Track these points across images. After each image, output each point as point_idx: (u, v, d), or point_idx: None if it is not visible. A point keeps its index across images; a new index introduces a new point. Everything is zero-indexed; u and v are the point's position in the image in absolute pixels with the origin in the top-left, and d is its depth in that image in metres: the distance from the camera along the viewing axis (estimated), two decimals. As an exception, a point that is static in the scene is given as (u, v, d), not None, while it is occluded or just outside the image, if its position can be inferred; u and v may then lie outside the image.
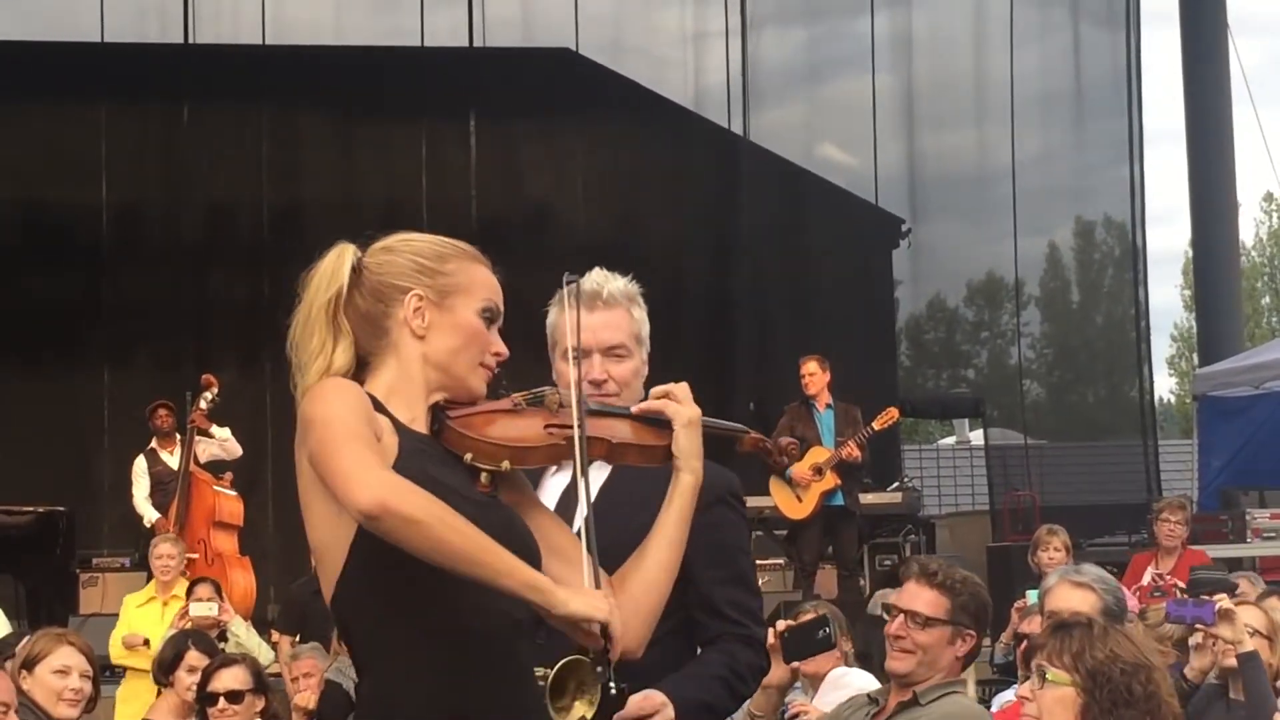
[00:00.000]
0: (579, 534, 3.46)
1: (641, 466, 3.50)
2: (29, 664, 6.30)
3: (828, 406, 13.30)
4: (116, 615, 11.24)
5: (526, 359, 3.22)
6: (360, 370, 3.29)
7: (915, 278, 22.67)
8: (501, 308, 3.39)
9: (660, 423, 3.46)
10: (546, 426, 3.32)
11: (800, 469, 13.06)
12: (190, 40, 19.73)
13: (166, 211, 19.42)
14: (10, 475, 16.46)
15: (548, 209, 20.77)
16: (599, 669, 3.07)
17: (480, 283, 3.36)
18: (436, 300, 3.30)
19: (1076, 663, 3.82)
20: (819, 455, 13.07)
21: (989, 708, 6.66)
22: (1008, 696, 6.68)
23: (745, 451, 3.70)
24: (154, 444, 13.97)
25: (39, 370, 18.79)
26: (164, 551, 11.21)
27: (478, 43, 20.50)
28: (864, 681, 5.85)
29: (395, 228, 3.41)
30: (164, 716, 7.39)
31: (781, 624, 4.66)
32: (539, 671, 3.68)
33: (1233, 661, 5.85)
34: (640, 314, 4.14)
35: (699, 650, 4.17)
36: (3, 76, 18.65)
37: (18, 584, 13.38)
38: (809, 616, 5.24)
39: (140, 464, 13.96)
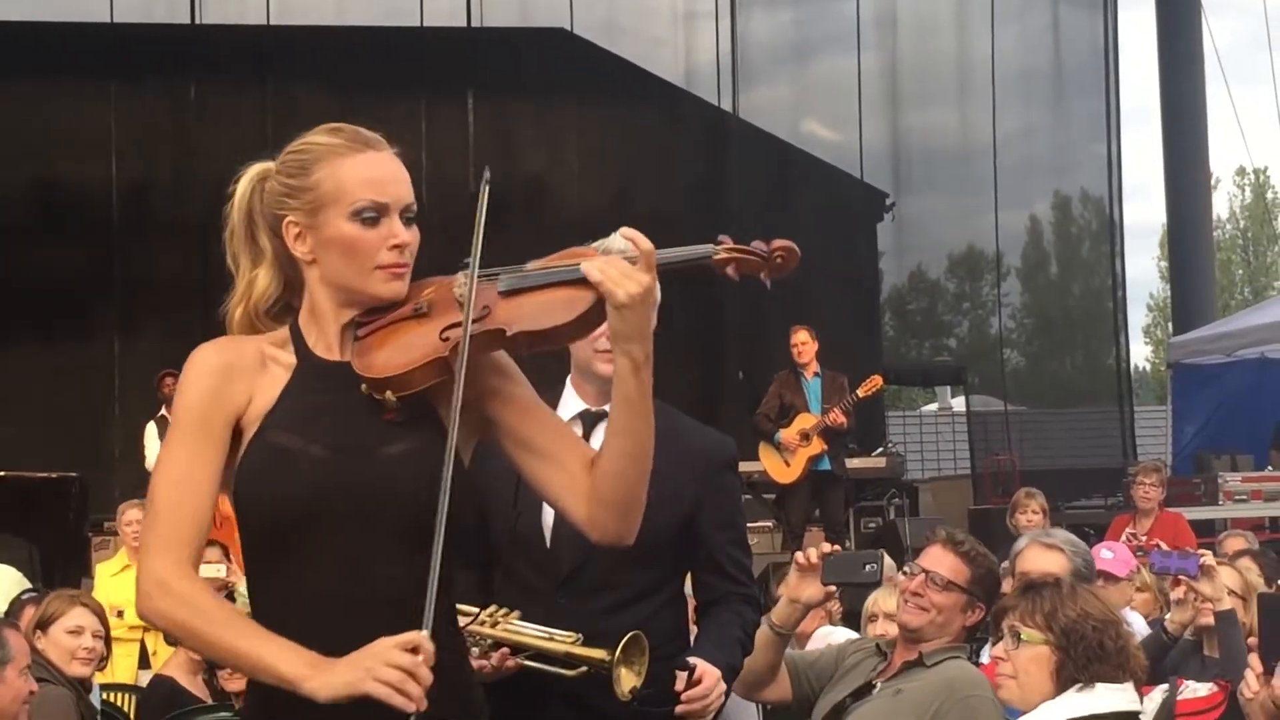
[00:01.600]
0: None
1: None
2: (43, 624, 6.33)
3: (815, 375, 13.31)
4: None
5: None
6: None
7: (899, 250, 22.71)
8: (390, 194, 2.97)
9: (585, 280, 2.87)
10: (443, 331, 2.91)
11: (788, 434, 13.10)
12: (197, 21, 19.69)
13: (174, 187, 19.37)
14: (25, 443, 16.46)
15: (543, 184, 20.76)
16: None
17: (350, 180, 2.96)
18: (309, 221, 2.98)
19: (1050, 622, 3.84)
20: (806, 421, 13.09)
21: (979, 661, 6.70)
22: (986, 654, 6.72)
23: (726, 273, 2.91)
24: (164, 411, 13.96)
25: (52, 342, 18.78)
26: (133, 518, 10.55)
27: (475, 23, 20.49)
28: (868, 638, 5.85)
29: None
30: (175, 672, 7.39)
31: (828, 546, 4.62)
32: (570, 637, 3.74)
33: (1210, 619, 5.88)
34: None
35: (699, 606, 4.23)
36: (15, 57, 18.61)
37: (32, 548, 13.35)
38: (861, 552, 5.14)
39: (151, 430, 13.97)
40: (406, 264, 2.99)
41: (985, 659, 6.61)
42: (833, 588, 4.68)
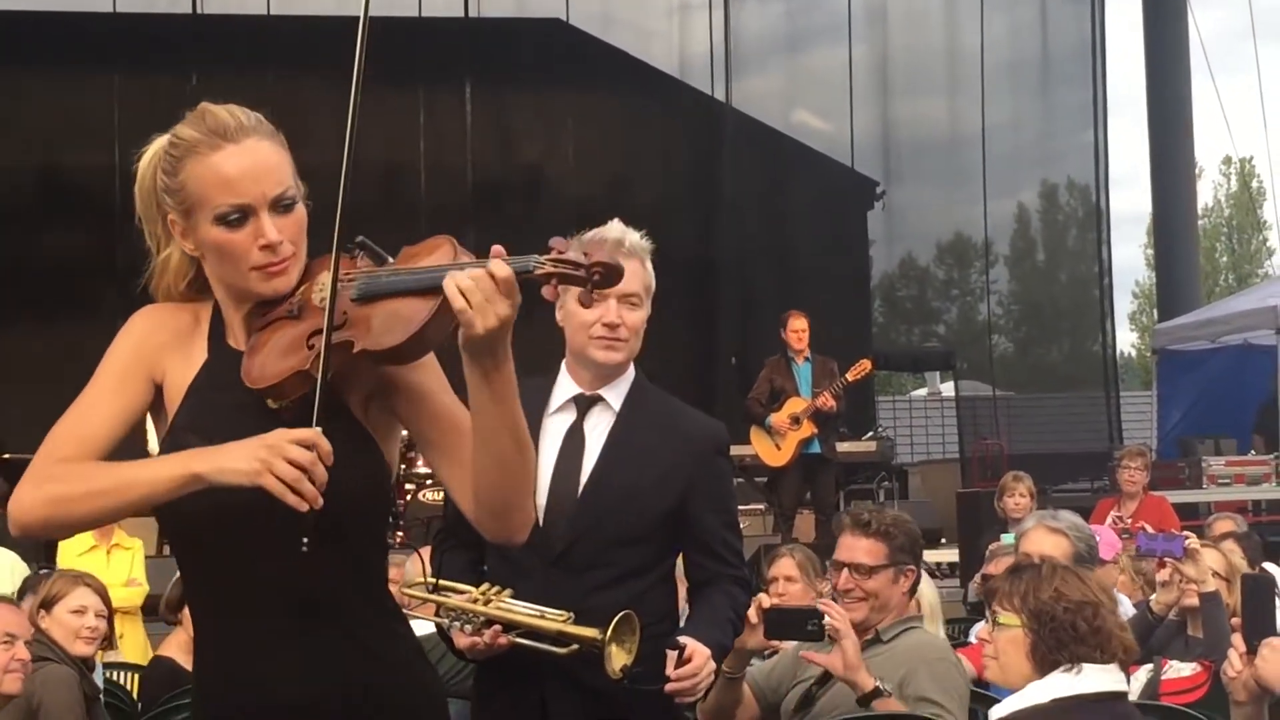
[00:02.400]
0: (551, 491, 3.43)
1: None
2: (47, 604, 6.33)
3: (805, 359, 13.30)
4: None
5: (520, 320, 2.90)
6: None
7: (889, 238, 22.74)
8: (251, 193, 2.79)
9: (436, 287, 2.69)
10: (309, 339, 2.76)
11: (779, 418, 13.08)
12: (198, 11, 19.69)
13: (176, 175, 19.37)
14: (29, 427, 16.43)
15: (540, 173, 20.76)
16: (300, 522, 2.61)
17: (209, 184, 2.80)
18: (186, 223, 2.85)
19: (1023, 604, 3.84)
20: (796, 405, 13.08)
21: (967, 641, 6.71)
22: (973, 634, 6.74)
23: (542, 293, 2.69)
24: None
25: (55, 326, 18.77)
26: None
27: (473, 13, 20.46)
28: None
29: (394, 190, 3.26)
30: (175, 652, 7.39)
31: (768, 601, 4.56)
32: (562, 616, 3.75)
33: (1194, 600, 5.89)
34: (650, 268, 4.17)
35: (691, 588, 4.25)
36: (21, 46, 18.62)
37: (36, 529, 13.34)
38: (803, 605, 5.07)
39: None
40: (282, 259, 2.82)
41: (972, 639, 6.64)
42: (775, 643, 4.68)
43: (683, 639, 3.89)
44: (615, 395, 4.16)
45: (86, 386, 2.93)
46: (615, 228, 4.13)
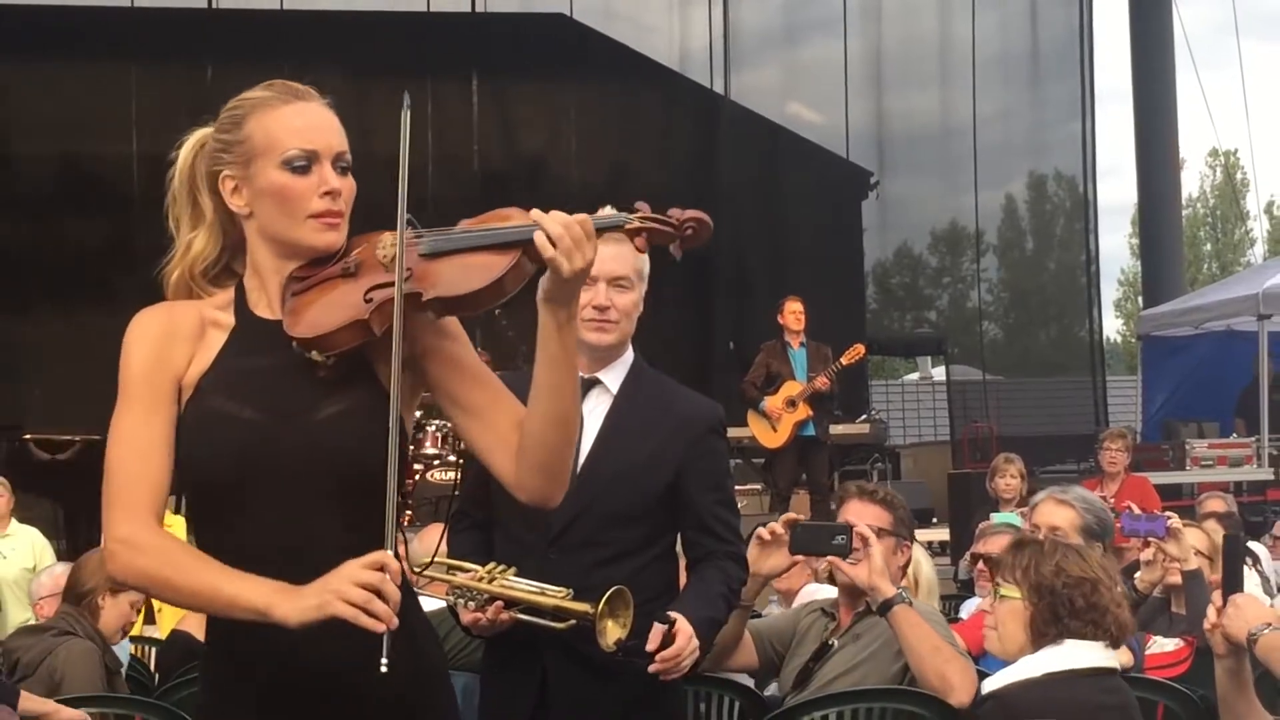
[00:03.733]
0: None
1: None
2: (115, 589, 6.27)
3: (801, 344, 13.32)
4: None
5: (523, 298, 2.96)
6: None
7: (882, 227, 22.70)
8: (320, 142, 2.88)
9: (516, 244, 2.77)
10: (367, 292, 2.80)
11: (774, 402, 13.11)
12: (213, 5, 19.66)
13: (193, 164, 19.37)
14: (52, 410, 16.48)
15: (543, 163, 20.75)
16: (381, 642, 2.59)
17: (280, 130, 2.87)
18: (243, 174, 2.89)
19: (1024, 577, 3.86)
20: (792, 389, 13.11)
21: (958, 618, 6.72)
22: (973, 605, 6.75)
23: (635, 244, 2.84)
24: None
25: (75, 312, 18.77)
26: None
27: (479, 8, 20.44)
28: (820, 596, 5.86)
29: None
30: (193, 627, 7.40)
31: (792, 515, 4.59)
32: (561, 592, 3.76)
33: (1178, 579, 5.89)
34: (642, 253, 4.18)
35: (689, 564, 4.25)
36: (41, 40, 18.60)
37: (56, 507, 13.38)
38: (829, 522, 5.02)
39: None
40: (340, 212, 2.89)
41: (964, 614, 6.65)
42: (800, 558, 4.66)
43: (673, 614, 3.89)
44: (613, 378, 4.17)
45: (118, 408, 2.93)
46: (606, 213, 4.13)
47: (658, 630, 3.83)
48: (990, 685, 3.91)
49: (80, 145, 19.43)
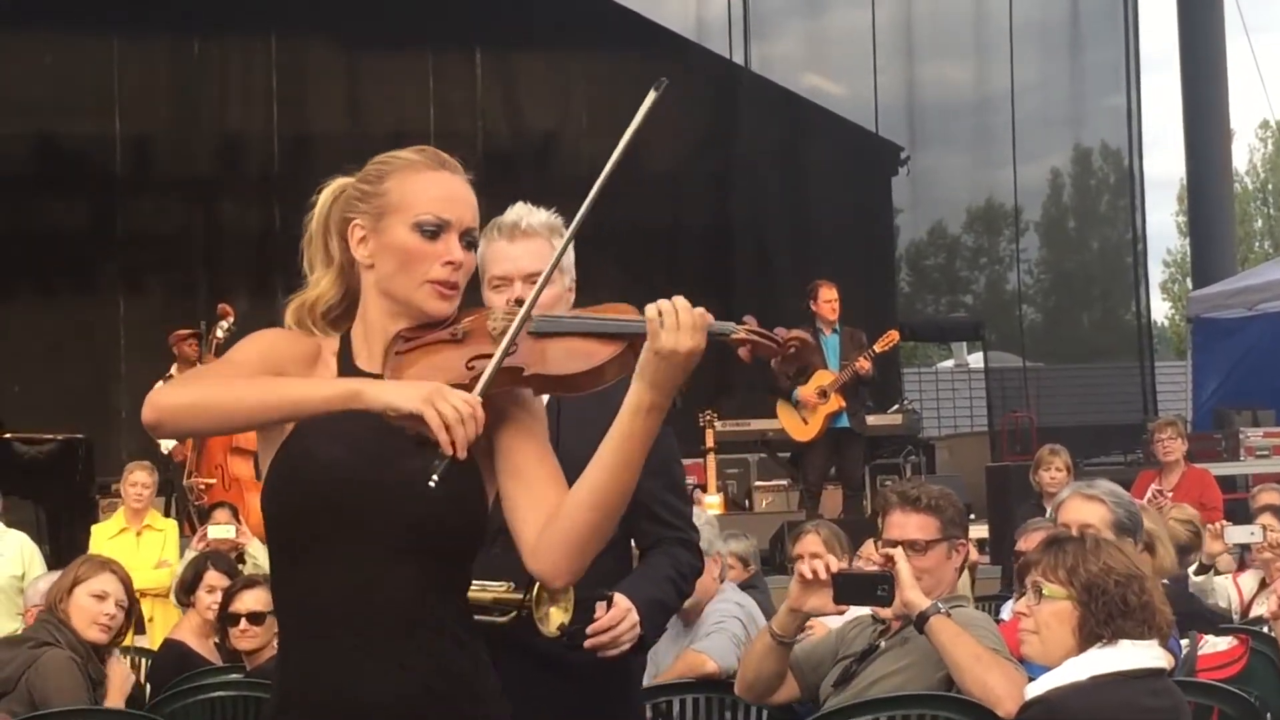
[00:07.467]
0: None
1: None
2: (71, 586, 6.31)
3: (834, 330, 13.25)
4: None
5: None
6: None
7: (915, 204, 22.67)
8: (453, 213, 3.08)
9: (623, 336, 3.00)
10: (470, 360, 3.00)
11: (806, 391, 13.03)
12: (200, -25, 19.67)
13: (178, 143, 19.37)
14: (30, 402, 16.51)
15: (552, 139, 20.75)
16: (435, 462, 2.79)
17: (418, 194, 3.07)
18: (374, 226, 3.08)
19: (1071, 577, 3.83)
20: (824, 378, 13.03)
21: (999, 619, 6.70)
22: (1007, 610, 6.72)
23: (739, 354, 3.11)
24: (174, 370, 13.92)
25: (55, 299, 18.83)
26: (139, 480, 10.72)
27: (483, -25, 20.42)
28: (866, 611, 5.88)
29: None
30: (186, 636, 7.43)
31: (836, 565, 4.63)
32: (501, 586, 3.80)
33: None
34: (560, 243, 4.21)
35: (640, 554, 4.30)
36: (17, 11, 18.57)
37: (38, 509, 13.40)
38: (871, 568, 5.06)
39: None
40: (457, 284, 3.08)
41: (1006, 615, 6.63)
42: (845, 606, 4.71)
43: (612, 592, 3.95)
44: None
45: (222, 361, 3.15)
46: (514, 210, 4.22)
47: (600, 609, 3.89)
48: (1034, 690, 3.90)
49: (59, 122, 19.45)
